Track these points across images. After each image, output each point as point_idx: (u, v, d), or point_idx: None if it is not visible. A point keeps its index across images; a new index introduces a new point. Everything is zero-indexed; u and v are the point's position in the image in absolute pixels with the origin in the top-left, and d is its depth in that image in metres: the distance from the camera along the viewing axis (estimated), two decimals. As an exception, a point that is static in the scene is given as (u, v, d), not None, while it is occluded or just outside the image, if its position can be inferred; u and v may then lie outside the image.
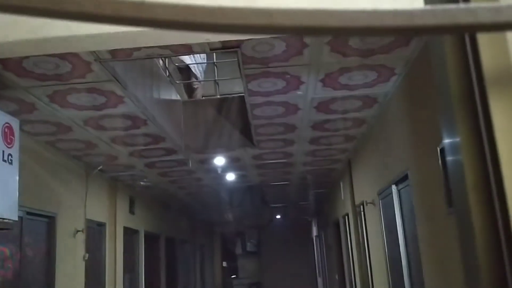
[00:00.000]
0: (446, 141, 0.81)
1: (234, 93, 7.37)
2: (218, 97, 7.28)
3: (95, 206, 8.21)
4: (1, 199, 4.14)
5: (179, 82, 7.36)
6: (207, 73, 7.93)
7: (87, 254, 7.61)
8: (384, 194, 6.18)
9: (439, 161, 3.77)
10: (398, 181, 5.45)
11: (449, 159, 0.82)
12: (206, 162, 8.71)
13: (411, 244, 5.20)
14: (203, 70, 7.85)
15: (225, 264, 23.16)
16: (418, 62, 4.37)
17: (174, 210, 13.95)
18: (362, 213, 7.83)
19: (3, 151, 4.24)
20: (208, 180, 10.31)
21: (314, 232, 18.76)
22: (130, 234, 9.92)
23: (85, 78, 4.58)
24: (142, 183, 9.79)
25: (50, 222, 6.74)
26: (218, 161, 8.54)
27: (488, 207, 0.71)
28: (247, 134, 6.92)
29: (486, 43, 0.70)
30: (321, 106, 5.80)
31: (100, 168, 7.99)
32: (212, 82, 7.60)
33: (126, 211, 9.67)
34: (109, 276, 8.57)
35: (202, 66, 7.79)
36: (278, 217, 19.00)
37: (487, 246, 0.69)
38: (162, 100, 6.32)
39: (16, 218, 4.41)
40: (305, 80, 4.95)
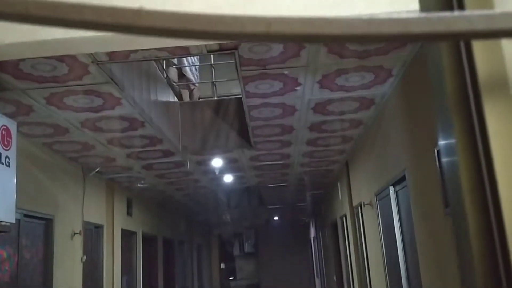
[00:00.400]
0: (442, 143, 0.83)
1: (232, 94, 7.38)
2: (216, 98, 7.28)
3: (93, 208, 8.20)
4: (-2, 202, 4.14)
5: (177, 84, 7.36)
6: (203, 75, 7.94)
7: (85, 256, 7.60)
8: (381, 195, 6.19)
9: (436, 162, 3.78)
10: (396, 182, 5.47)
11: (444, 161, 0.83)
12: (204, 164, 8.71)
13: (409, 245, 5.21)
14: (197, 72, 7.86)
15: (223, 265, 23.16)
16: (414, 64, 4.39)
17: (172, 211, 13.94)
18: (360, 214, 7.85)
19: (1, 154, 4.23)
20: (205, 181, 10.31)
21: (312, 233, 18.77)
22: (127, 236, 9.91)
23: (82, 80, 4.58)
24: (139, 185, 9.78)
25: (47, 224, 6.73)
26: (216, 162, 8.55)
27: (482, 209, 0.72)
28: (245, 135, 6.93)
29: (480, 49, 0.71)
30: (318, 107, 5.81)
31: (97, 170, 7.98)
32: (209, 84, 7.61)
33: (124, 213, 9.66)
34: (107, 278, 8.56)
35: (196, 68, 7.80)
36: (276, 218, 19.01)
37: (482, 245, 0.70)
38: (159, 101, 6.33)
39: (13, 221, 4.41)
40: (302, 81, 4.97)
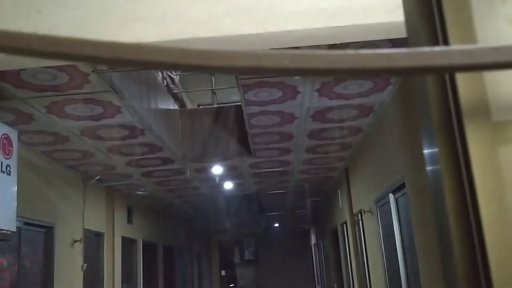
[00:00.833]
0: (428, 168, 0.86)
1: (231, 102, 7.41)
2: (215, 106, 7.32)
3: (93, 216, 8.21)
4: (-1, 211, 4.16)
5: (177, 92, 7.40)
6: (203, 82, 7.98)
7: (85, 265, 7.61)
8: (381, 202, 6.21)
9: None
10: (395, 189, 5.48)
11: (431, 183, 0.87)
12: (203, 171, 8.73)
13: (409, 252, 5.22)
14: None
15: (223, 272, 23.10)
16: (412, 72, 4.41)
17: (172, 219, 13.95)
18: (360, 221, 7.86)
19: (2, 162, 4.26)
20: (205, 189, 10.33)
21: (313, 240, 18.75)
22: (128, 244, 9.92)
23: (82, 89, 4.61)
24: (139, 193, 9.80)
25: (48, 232, 6.74)
26: (215, 170, 8.57)
27: (465, 228, 0.75)
28: (244, 143, 6.95)
29: (463, 79, 0.75)
30: (317, 115, 5.84)
31: (97, 178, 8.00)
32: (209, 91, 7.64)
33: (124, 221, 9.67)
34: (107, 286, 8.55)
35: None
36: (276, 225, 19.00)
37: (464, 258, 0.74)
38: (159, 109, 6.36)
39: (14, 229, 4.42)
40: (301, 89, 5.00)
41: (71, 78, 4.36)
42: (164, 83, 6.78)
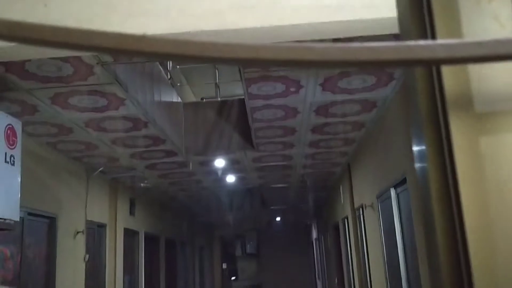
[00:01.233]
0: (415, 152, 0.91)
1: (235, 96, 7.44)
2: (219, 100, 7.35)
3: (96, 207, 8.27)
4: (3, 200, 4.20)
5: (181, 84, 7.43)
6: (208, 75, 8.00)
7: (88, 255, 7.67)
8: (383, 197, 6.23)
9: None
10: (397, 184, 5.51)
11: (418, 171, 0.91)
12: (206, 164, 8.77)
13: (409, 247, 5.25)
14: None
15: (224, 266, 23.20)
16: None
17: (174, 212, 14.01)
18: (362, 216, 7.89)
19: (6, 153, 4.30)
20: (208, 182, 10.38)
21: (314, 235, 18.81)
22: (130, 236, 9.99)
23: (86, 81, 4.65)
24: (142, 185, 9.86)
25: (50, 223, 6.80)
26: (218, 163, 8.61)
27: (448, 213, 0.79)
28: (247, 137, 6.99)
29: (449, 71, 0.79)
30: (320, 110, 5.87)
31: (101, 169, 8.06)
32: (213, 85, 7.67)
33: (127, 213, 9.73)
34: (109, 277, 8.63)
35: None
36: (278, 219, 19.04)
37: (446, 243, 0.78)
38: (163, 102, 6.39)
39: (17, 219, 4.47)
40: (304, 84, 5.02)
41: (76, 69, 4.39)
42: (168, 76, 6.81)
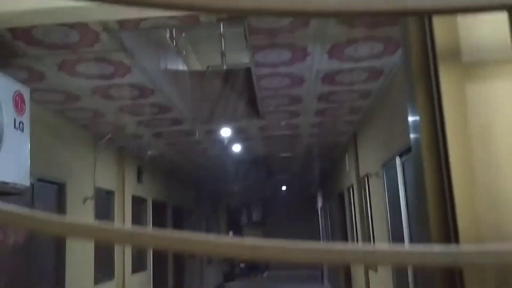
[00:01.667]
0: (409, 103, 0.96)
1: (241, 64, 7.40)
2: (225, 68, 7.32)
3: (104, 174, 8.37)
4: (13, 165, 4.27)
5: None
6: (213, 44, 7.93)
7: (96, 221, 7.80)
8: (388, 166, 6.26)
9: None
10: (402, 153, 5.52)
11: (409, 119, 0.96)
12: (213, 133, 8.80)
13: (414, 215, 5.30)
14: None
15: (230, 233, 23.54)
16: (424, 35, 4.37)
17: (181, 180, 14.15)
18: (367, 185, 7.94)
19: (15, 119, 4.34)
20: (214, 151, 10.43)
21: (319, 203, 18.97)
22: (138, 202, 10.12)
23: (93, 48, 4.64)
24: (149, 153, 9.93)
25: (60, 189, 6.90)
26: (225, 132, 8.64)
27: (436, 159, 0.85)
28: (253, 105, 6.98)
29: (439, 24, 0.82)
30: (326, 78, 5.83)
31: (108, 137, 8.11)
32: (218, 53, 7.62)
33: (134, 180, 9.84)
34: (117, 242, 8.79)
35: None
36: (284, 188, 19.19)
37: (435, 196, 0.82)
38: (169, 70, 6.38)
39: (28, 184, 4.54)
40: (311, 51, 4.98)
41: (82, 36, 4.38)
42: (173, 43, 6.77)
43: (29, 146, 4.57)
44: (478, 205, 0.81)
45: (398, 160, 5.74)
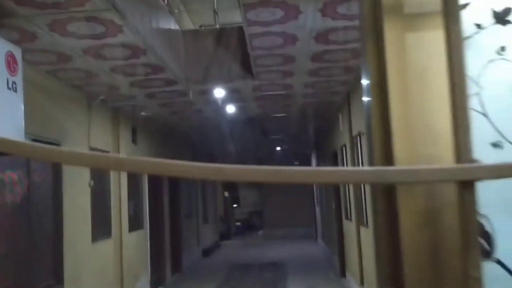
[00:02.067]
0: (363, 52, 1.12)
1: (234, 23, 7.34)
2: (217, 27, 7.26)
3: (99, 135, 8.42)
4: (8, 125, 4.31)
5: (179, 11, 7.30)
6: (205, 2, 7.84)
7: (92, 181, 7.91)
8: (379, 125, 6.32)
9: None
10: (393, 112, 5.58)
11: (362, 62, 1.14)
12: (206, 94, 8.81)
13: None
14: None
15: (226, 194, 23.85)
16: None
17: (176, 141, 14.21)
18: (359, 143, 8.04)
19: (7, 79, 4.35)
20: (208, 112, 10.45)
21: (314, 164, 19.16)
22: (133, 163, 10.18)
23: (84, 7, 4.59)
24: (143, 114, 9.95)
25: (55, 150, 6.95)
26: (218, 92, 8.64)
27: (382, 105, 1.00)
28: (247, 65, 6.97)
29: None
30: (320, 37, 5.82)
31: (101, 98, 8.11)
32: (211, 12, 7.55)
33: (129, 141, 9.90)
34: (114, 202, 8.93)
35: None
36: (278, 149, 19.32)
37: (381, 138, 1.01)
38: (161, 29, 6.33)
39: (23, 144, 4.59)
40: (303, 9, 4.96)
41: (72, -6, 4.33)
42: (165, 2, 6.69)
43: (23, 106, 4.59)
44: (413, 139, 0.97)
45: (389, 119, 5.80)
